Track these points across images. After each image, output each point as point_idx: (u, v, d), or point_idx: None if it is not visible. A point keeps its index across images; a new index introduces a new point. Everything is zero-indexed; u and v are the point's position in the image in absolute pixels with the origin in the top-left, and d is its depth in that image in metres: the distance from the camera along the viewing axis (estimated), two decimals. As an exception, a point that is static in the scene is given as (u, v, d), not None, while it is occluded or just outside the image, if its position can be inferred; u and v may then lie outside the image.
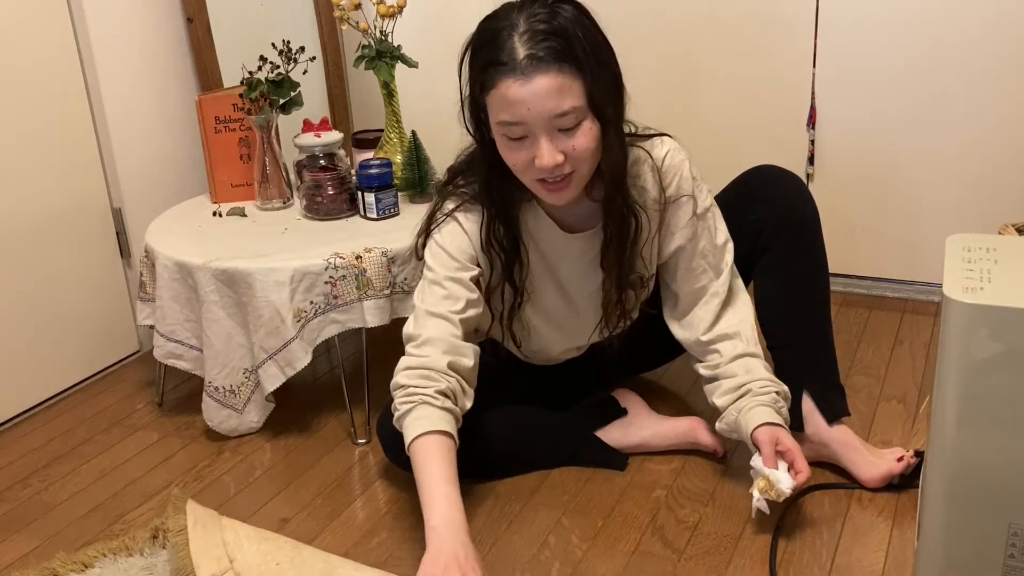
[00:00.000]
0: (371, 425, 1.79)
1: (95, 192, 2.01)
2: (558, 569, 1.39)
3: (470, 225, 1.46)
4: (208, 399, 1.74)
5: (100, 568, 1.42)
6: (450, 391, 1.36)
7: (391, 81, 1.91)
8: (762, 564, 1.37)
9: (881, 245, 2.19)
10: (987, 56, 1.96)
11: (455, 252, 1.45)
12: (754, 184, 1.60)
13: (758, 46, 2.14)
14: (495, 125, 1.35)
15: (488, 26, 1.34)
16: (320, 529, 1.51)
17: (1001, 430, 1.13)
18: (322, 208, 1.87)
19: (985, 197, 2.05)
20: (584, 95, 1.31)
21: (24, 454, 1.78)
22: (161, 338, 1.78)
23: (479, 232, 1.46)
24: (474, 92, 1.37)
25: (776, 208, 1.55)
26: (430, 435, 1.31)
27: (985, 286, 1.12)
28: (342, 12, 1.92)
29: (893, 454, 1.51)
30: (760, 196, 1.58)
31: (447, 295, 1.42)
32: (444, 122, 2.46)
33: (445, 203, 1.49)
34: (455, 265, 1.44)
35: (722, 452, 1.61)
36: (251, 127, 1.95)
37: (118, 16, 1.99)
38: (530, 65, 1.28)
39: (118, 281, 2.08)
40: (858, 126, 2.12)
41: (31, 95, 1.85)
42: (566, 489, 1.57)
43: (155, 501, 1.61)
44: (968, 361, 1.12)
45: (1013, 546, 1.18)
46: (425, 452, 1.30)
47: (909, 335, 2.03)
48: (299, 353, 1.67)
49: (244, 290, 1.66)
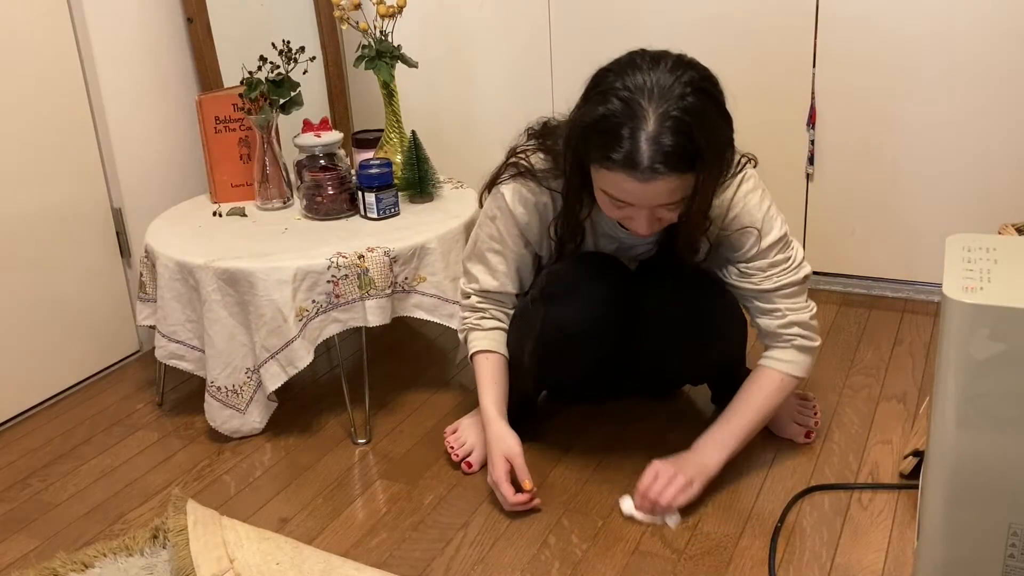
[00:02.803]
0: (371, 425, 1.79)
1: (95, 192, 2.01)
2: (558, 569, 1.39)
3: (522, 211, 1.53)
4: (210, 399, 1.74)
5: (100, 568, 1.42)
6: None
7: (391, 81, 1.91)
8: (762, 564, 1.37)
9: (881, 245, 2.19)
10: (987, 56, 1.96)
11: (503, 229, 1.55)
12: None
13: (758, 46, 2.14)
14: (599, 188, 1.37)
15: (614, 110, 1.28)
16: (320, 529, 1.52)
17: (1001, 430, 1.13)
18: (322, 208, 1.87)
19: (985, 197, 2.05)
20: (694, 185, 1.32)
21: (24, 454, 1.79)
22: (163, 338, 1.78)
23: (531, 217, 1.53)
24: (582, 144, 1.35)
25: None
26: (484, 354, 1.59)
27: (985, 286, 1.12)
28: (342, 12, 1.92)
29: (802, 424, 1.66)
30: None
31: (495, 255, 1.58)
32: (444, 122, 2.48)
33: (507, 183, 1.53)
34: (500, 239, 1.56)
35: None
36: (251, 127, 1.95)
37: (118, 16, 1.99)
38: (652, 174, 1.27)
39: (118, 281, 2.08)
40: (858, 126, 2.12)
41: (31, 95, 1.85)
42: (566, 489, 1.58)
43: (155, 501, 1.61)
44: (968, 361, 1.12)
45: (1013, 546, 1.18)
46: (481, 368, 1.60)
47: (909, 335, 2.04)
48: (301, 352, 1.67)
49: (246, 289, 1.66)
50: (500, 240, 1.56)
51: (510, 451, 1.51)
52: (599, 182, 1.36)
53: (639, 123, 1.26)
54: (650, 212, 1.35)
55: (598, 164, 1.33)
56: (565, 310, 1.50)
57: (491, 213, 1.56)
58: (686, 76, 1.29)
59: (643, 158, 1.26)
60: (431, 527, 1.50)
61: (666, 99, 1.26)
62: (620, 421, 1.76)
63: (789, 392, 1.55)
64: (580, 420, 1.77)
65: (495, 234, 1.56)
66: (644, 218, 1.36)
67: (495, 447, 1.53)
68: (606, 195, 1.36)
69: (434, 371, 2.00)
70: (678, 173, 1.28)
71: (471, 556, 1.43)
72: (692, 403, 1.81)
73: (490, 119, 2.43)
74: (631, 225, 1.40)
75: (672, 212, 1.36)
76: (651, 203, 1.32)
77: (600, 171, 1.34)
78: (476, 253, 1.60)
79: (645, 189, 1.29)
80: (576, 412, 1.79)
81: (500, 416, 1.56)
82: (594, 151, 1.32)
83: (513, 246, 1.57)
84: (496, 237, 1.56)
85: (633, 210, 1.35)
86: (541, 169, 1.51)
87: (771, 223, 1.48)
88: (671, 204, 1.33)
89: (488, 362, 1.60)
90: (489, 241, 1.57)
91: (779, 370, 1.53)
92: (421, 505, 1.56)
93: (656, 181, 1.28)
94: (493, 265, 1.58)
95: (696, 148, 1.27)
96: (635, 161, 1.27)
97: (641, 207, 1.34)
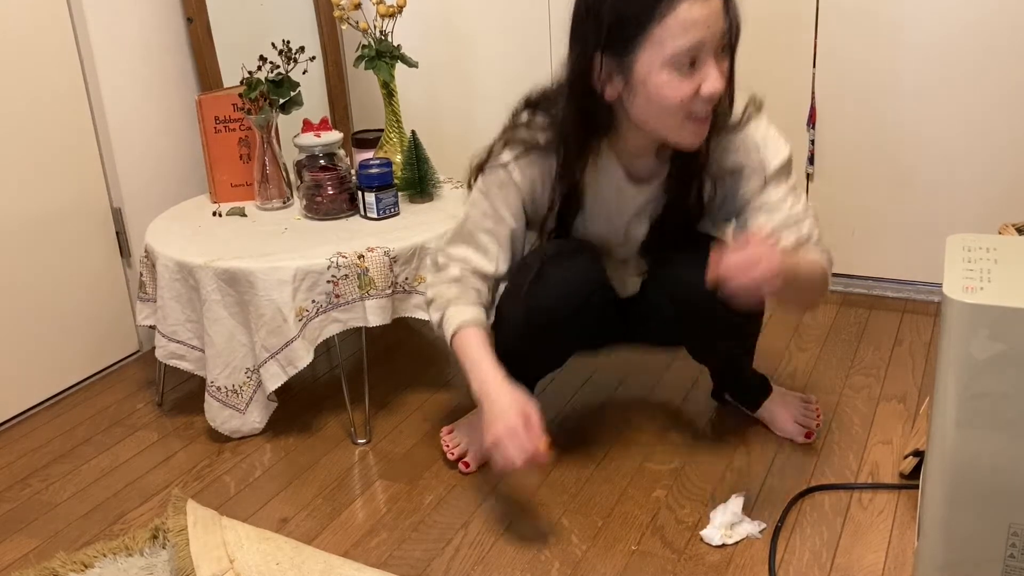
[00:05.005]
0: (371, 425, 1.79)
1: (95, 192, 2.01)
2: (558, 569, 1.39)
3: (521, 177, 1.49)
4: (210, 399, 1.74)
5: (100, 568, 1.42)
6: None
7: (391, 81, 1.91)
8: (762, 564, 1.37)
9: (881, 245, 2.19)
10: (987, 56, 1.96)
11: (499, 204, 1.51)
12: None
13: (758, 46, 2.13)
14: (663, 63, 1.33)
15: None
16: (320, 529, 1.52)
17: (1001, 430, 1.13)
18: (322, 208, 1.87)
19: (985, 197, 2.05)
20: (731, 15, 1.35)
21: (24, 454, 1.79)
22: (163, 338, 1.78)
23: (531, 184, 1.50)
24: (624, 29, 1.33)
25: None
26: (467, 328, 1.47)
27: (985, 286, 1.12)
28: (342, 12, 1.92)
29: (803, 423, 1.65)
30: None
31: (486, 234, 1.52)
32: (444, 122, 2.48)
33: (504, 151, 1.50)
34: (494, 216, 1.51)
35: None
36: (251, 127, 1.95)
37: (118, 16, 1.99)
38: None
39: (118, 281, 2.08)
40: (858, 126, 2.12)
41: (31, 95, 1.85)
42: (566, 489, 1.58)
43: (155, 501, 1.61)
44: (968, 361, 1.12)
45: (1013, 546, 1.18)
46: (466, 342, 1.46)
47: (909, 335, 2.04)
48: (301, 352, 1.67)
49: (246, 289, 1.66)
50: (494, 217, 1.51)
51: (527, 406, 1.39)
52: (662, 51, 1.32)
53: None
54: (716, 53, 1.33)
55: (651, 25, 1.30)
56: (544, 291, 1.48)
57: (484, 188, 1.51)
58: None
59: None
60: (431, 527, 1.50)
61: None
62: (620, 421, 1.76)
63: (823, 281, 1.46)
64: (580, 420, 1.77)
65: (489, 211, 1.51)
66: (715, 66, 1.32)
67: (510, 402, 1.39)
68: (675, 63, 1.32)
69: (434, 371, 2.00)
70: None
71: (471, 556, 1.43)
72: (692, 403, 1.81)
73: (490, 119, 2.41)
74: (707, 85, 1.34)
75: (723, 63, 1.35)
76: (716, 29, 1.31)
77: (656, 34, 1.30)
78: (463, 234, 1.53)
79: (710, 8, 1.30)
80: (576, 413, 1.79)
81: (506, 379, 1.43)
82: (641, 19, 1.31)
83: (510, 220, 1.51)
84: (490, 214, 1.51)
85: (702, 65, 1.32)
86: (537, 139, 1.48)
87: (776, 141, 1.49)
88: (725, 37, 1.33)
89: (477, 335, 1.46)
90: (482, 219, 1.51)
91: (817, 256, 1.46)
92: (421, 505, 1.56)
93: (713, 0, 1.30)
94: (484, 244, 1.51)
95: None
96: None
97: (710, 47, 1.31)
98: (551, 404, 1.82)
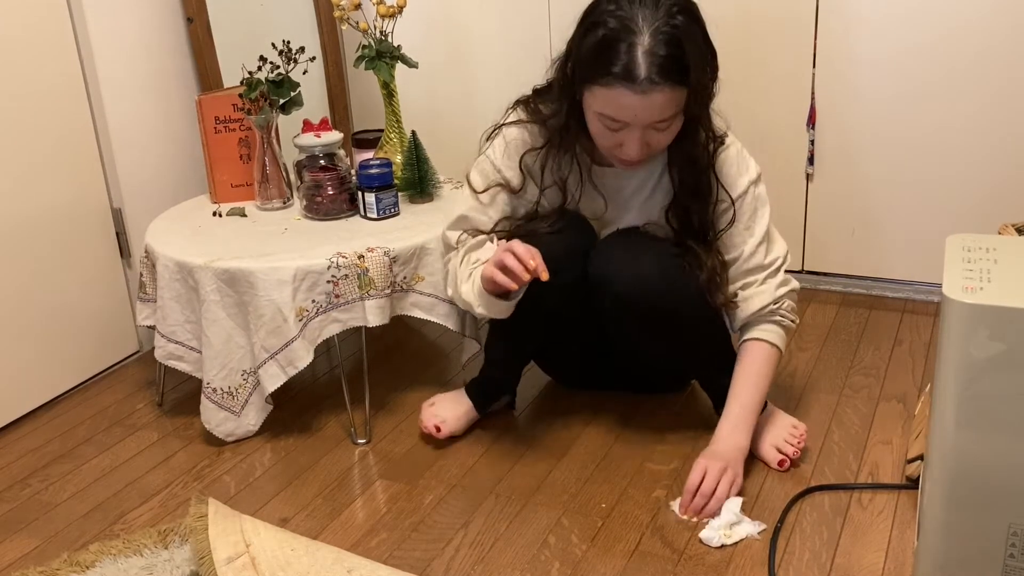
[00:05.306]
0: (371, 425, 1.79)
1: (95, 192, 2.01)
2: (558, 569, 1.39)
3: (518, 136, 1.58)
4: (206, 401, 1.74)
5: (100, 568, 1.42)
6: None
7: (391, 81, 1.91)
8: (762, 564, 1.37)
9: (881, 245, 2.19)
10: (987, 55, 1.96)
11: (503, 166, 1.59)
12: None
13: (758, 46, 2.14)
14: (595, 112, 1.42)
15: (610, 28, 1.37)
16: (320, 529, 1.52)
17: (1000, 431, 1.13)
18: (322, 208, 1.87)
19: (985, 197, 2.05)
20: (684, 103, 1.41)
21: (24, 454, 1.79)
22: (162, 339, 1.78)
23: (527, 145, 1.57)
24: (579, 69, 1.43)
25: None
26: None
27: (985, 286, 1.12)
28: (342, 12, 1.92)
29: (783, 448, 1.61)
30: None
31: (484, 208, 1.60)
32: (444, 122, 2.48)
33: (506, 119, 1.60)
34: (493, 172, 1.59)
35: None
36: (251, 127, 1.95)
37: (118, 16, 1.99)
38: (649, 85, 1.35)
39: (118, 281, 2.08)
40: (858, 126, 2.12)
41: (31, 95, 1.85)
42: (566, 489, 1.58)
43: (155, 501, 1.61)
44: (968, 361, 1.12)
45: (1013, 546, 1.18)
46: None
47: (909, 335, 2.04)
48: (301, 352, 1.67)
49: (246, 289, 1.66)
50: (493, 173, 1.59)
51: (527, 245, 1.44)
52: (595, 104, 1.42)
53: (635, 38, 1.35)
54: (642, 134, 1.41)
55: (596, 83, 1.39)
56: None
57: (486, 153, 1.60)
58: (671, 0, 1.38)
59: (641, 70, 1.35)
60: (431, 527, 1.50)
61: (657, 18, 1.36)
62: (620, 421, 1.76)
63: (776, 365, 1.59)
64: (580, 420, 1.77)
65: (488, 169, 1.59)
66: (636, 141, 1.42)
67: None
68: (602, 119, 1.42)
69: (434, 371, 2.00)
70: (672, 84, 1.36)
71: (471, 556, 1.43)
72: (692, 403, 1.81)
73: (490, 119, 2.42)
74: (622, 152, 1.44)
75: (662, 134, 1.43)
76: (647, 119, 1.39)
77: (596, 91, 1.40)
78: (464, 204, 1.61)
79: (643, 102, 1.37)
80: (576, 412, 1.79)
81: None
82: (592, 70, 1.39)
83: (508, 173, 1.58)
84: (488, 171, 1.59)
85: (627, 133, 1.41)
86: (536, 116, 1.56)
87: (746, 162, 1.56)
88: (663, 122, 1.40)
89: None
90: (481, 180, 1.60)
91: (764, 340, 1.57)
92: (421, 505, 1.56)
93: (653, 93, 1.36)
94: (484, 205, 1.59)
95: (687, 61, 1.36)
96: (633, 74, 1.35)
97: (636, 126, 1.40)
98: (551, 404, 1.82)
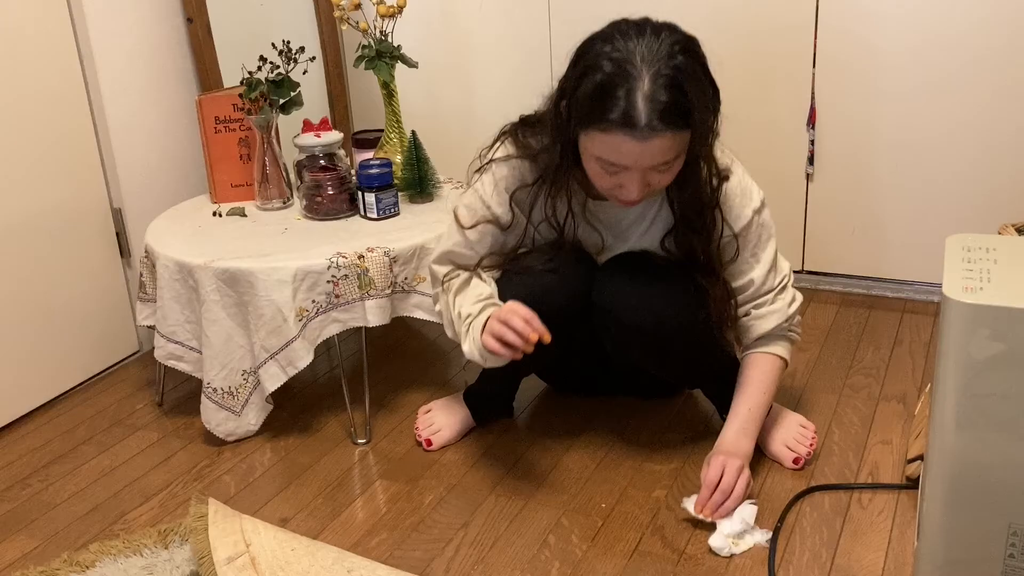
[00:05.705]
0: (371, 425, 1.79)
1: (95, 192, 2.01)
2: (558, 569, 1.39)
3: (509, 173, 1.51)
4: (206, 401, 1.74)
5: (100, 568, 1.42)
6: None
7: (391, 81, 1.91)
8: (762, 564, 1.37)
9: (881, 245, 2.19)
10: (987, 55, 1.96)
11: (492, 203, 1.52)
12: None
13: (758, 46, 2.14)
14: (592, 156, 1.36)
15: (607, 73, 1.30)
16: (320, 529, 1.52)
17: (1001, 430, 1.13)
18: (322, 208, 1.87)
19: (985, 197, 2.05)
20: (685, 145, 1.35)
21: (24, 454, 1.79)
22: (162, 339, 1.78)
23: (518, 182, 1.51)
24: (576, 112, 1.35)
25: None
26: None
27: (985, 286, 1.12)
28: (342, 12, 1.92)
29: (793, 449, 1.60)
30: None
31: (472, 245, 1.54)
32: (444, 122, 2.48)
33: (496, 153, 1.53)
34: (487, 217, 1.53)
35: None
36: (251, 127, 1.95)
37: (118, 16, 1.99)
38: (650, 131, 1.29)
39: (118, 281, 2.08)
40: (858, 126, 2.12)
41: (31, 95, 1.85)
42: (566, 489, 1.58)
43: (155, 501, 1.61)
44: (968, 361, 1.12)
45: (1013, 546, 1.18)
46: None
47: (909, 335, 2.04)
48: (301, 352, 1.67)
49: (246, 289, 1.66)
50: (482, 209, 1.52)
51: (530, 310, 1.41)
52: (592, 148, 1.35)
53: (634, 83, 1.28)
54: (643, 176, 1.35)
55: (593, 128, 1.32)
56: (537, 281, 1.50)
57: (474, 186, 1.54)
58: (671, 39, 1.31)
59: (641, 116, 1.28)
60: (431, 527, 1.50)
61: (657, 60, 1.29)
62: (620, 421, 1.76)
63: (780, 375, 1.58)
64: (580, 420, 1.77)
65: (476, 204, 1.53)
66: (636, 183, 1.35)
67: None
68: (600, 162, 1.35)
69: (434, 371, 2.00)
70: (674, 130, 1.30)
71: (471, 556, 1.43)
72: (692, 403, 1.81)
73: (490, 119, 2.41)
74: (621, 193, 1.38)
75: (663, 175, 1.37)
76: (647, 164, 1.33)
77: (594, 136, 1.33)
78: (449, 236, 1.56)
79: (643, 148, 1.30)
80: (576, 412, 1.79)
81: None
82: (588, 116, 1.32)
83: (497, 209, 1.52)
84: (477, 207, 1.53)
85: (626, 175, 1.35)
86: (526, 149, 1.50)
87: (748, 191, 1.51)
88: (664, 164, 1.34)
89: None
90: (469, 216, 1.53)
91: (774, 353, 1.57)
92: (421, 505, 1.56)
93: (653, 139, 1.29)
94: (471, 240, 1.54)
95: (689, 105, 1.30)
96: (633, 120, 1.28)
97: (635, 170, 1.34)
98: (551, 403, 1.82)
